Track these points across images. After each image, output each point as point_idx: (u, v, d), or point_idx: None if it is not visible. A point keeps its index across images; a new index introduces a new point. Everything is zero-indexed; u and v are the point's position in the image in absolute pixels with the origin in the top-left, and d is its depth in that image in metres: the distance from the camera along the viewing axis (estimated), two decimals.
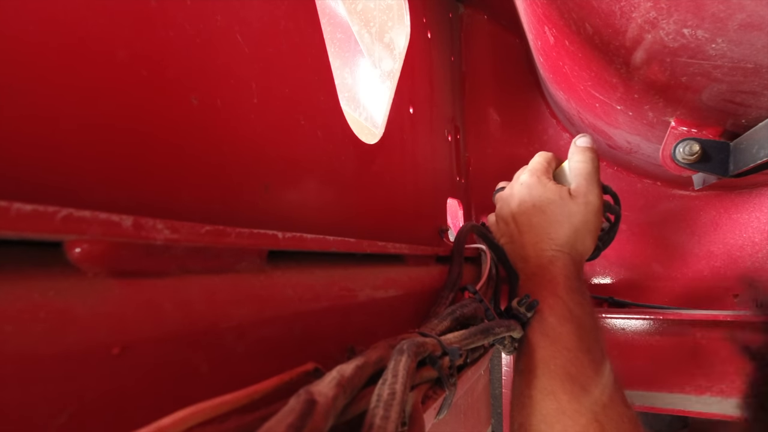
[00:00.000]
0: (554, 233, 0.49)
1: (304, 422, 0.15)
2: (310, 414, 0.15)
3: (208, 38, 0.25)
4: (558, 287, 0.45)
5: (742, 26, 0.31)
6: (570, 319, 0.43)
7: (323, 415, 0.16)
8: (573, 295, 0.45)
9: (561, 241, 0.49)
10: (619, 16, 0.38)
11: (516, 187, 0.54)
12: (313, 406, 0.16)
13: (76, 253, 0.16)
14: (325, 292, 0.28)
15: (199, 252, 0.20)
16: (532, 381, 0.40)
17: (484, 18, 0.88)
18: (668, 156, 0.49)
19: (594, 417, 0.37)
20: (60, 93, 0.18)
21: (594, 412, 0.37)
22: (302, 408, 0.16)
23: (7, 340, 0.13)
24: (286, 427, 0.15)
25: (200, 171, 0.24)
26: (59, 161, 0.18)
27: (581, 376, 0.39)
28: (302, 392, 0.16)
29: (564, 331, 0.42)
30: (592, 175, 0.51)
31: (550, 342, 0.42)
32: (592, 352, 0.41)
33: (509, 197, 0.55)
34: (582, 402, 0.38)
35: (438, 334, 0.32)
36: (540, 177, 0.53)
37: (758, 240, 0.74)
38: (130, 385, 0.16)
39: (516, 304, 0.43)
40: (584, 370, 0.40)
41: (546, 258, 0.48)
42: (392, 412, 0.18)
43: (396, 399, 0.19)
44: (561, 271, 0.47)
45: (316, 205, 0.35)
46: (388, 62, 0.75)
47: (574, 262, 0.48)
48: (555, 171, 0.55)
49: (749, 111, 0.41)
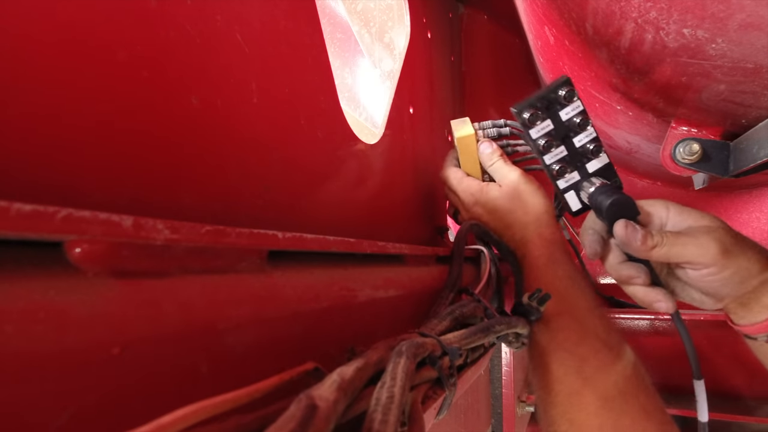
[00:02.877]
0: None
1: (305, 429, 0.15)
2: (311, 420, 0.15)
3: (208, 38, 0.25)
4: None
5: (742, 26, 0.31)
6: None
7: (324, 420, 0.16)
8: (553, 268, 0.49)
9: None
10: (619, 16, 0.38)
11: (477, 206, 0.58)
12: (314, 412, 0.16)
13: (76, 253, 0.16)
14: (325, 292, 0.28)
15: (199, 252, 0.20)
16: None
17: (484, 18, 0.88)
18: (668, 156, 0.49)
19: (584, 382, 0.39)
20: (60, 93, 0.18)
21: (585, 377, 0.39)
22: (303, 414, 0.15)
23: (7, 340, 0.13)
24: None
25: (200, 171, 0.24)
26: (60, 161, 0.18)
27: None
28: (303, 397, 0.16)
29: None
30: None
31: None
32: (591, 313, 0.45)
33: (476, 213, 0.58)
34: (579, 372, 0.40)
35: (438, 333, 0.32)
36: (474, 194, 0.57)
37: (758, 240, 0.74)
38: (130, 385, 0.16)
39: (527, 299, 0.43)
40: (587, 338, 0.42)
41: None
42: (390, 415, 0.18)
43: (394, 402, 0.19)
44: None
45: (315, 205, 0.35)
46: (388, 62, 0.75)
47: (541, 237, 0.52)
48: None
49: (749, 111, 0.41)
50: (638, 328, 0.86)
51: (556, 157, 0.51)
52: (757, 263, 0.43)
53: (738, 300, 0.45)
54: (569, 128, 0.50)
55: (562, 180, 0.52)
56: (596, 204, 0.47)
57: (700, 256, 0.42)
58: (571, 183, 0.52)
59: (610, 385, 0.38)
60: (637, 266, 0.47)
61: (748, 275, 0.43)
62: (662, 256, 0.43)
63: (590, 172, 0.51)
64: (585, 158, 0.51)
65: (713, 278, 0.43)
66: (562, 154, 0.51)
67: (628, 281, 0.47)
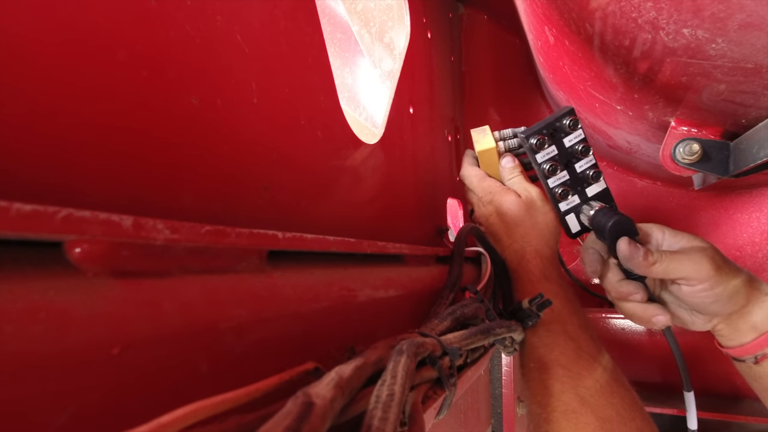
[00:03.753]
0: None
1: (300, 425, 0.15)
2: (307, 416, 0.15)
3: (208, 38, 0.25)
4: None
5: (742, 26, 0.31)
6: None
7: (321, 417, 0.16)
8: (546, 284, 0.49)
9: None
10: (619, 16, 0.38)
11: (488, 206, 0.59)
12: (310, 409, 0.16)
13: (76, 253, 0.16)
14: (325, 292, 0.28)
15: (199, 252, 0.20)
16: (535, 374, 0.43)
17: (484, 18, 0.88)
18: (668, 156, 0.49)
19: (581, 398, 0.38)
20: (60, 93, 0.18)
21: (579, 392, 0.39)
22: (299, 410, 0.15)
23: (7, 340, 0.13)
24: (282, 430, 0.14)
25: (200, 171, 0.24)
26: (60, 161, 0.18)
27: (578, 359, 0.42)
28: (300, 394, 0.16)
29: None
30: None
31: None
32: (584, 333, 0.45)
33: (484, 214, 0.59)
34: (568, 384, 0.40)
35: (438, 334, 0.32)
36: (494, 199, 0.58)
37: (758, 240, 0.74)
38: (130, 385, 0.16)
39: (528, 304, 0.44)
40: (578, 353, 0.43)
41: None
42: (390, 413, 0.18)
43: (394, 400, 0.19)
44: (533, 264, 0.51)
45: (316, 205, 0.35)
46: (388, 62, 0.75)
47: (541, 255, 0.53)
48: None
49: (749, 111, 0.41)
50: (638, 328, 0.86)
51: (559, 181, 0.55)
52: (744, 283, 0.46)
53: (726, 320, 0.49)
54: (572, 154, 0.54)
55: (564, 203, 0.55)
56: (598, 224, 0.50)
57: (695, 271, 0.45)
58: (571, 206, 0.55)
59: (609, 406, 0.39)
60: (635, 284, 0.50)
61: (735, 292, 0.46)
62: (661, 272, 0.46)
63: (589, 196, 0.55)
64: (585, 183, 0.55)
65: (706, 294, 0.46)
66: (565, 178, 0.55)
67: (626, 297, 0.50)
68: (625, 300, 0.51)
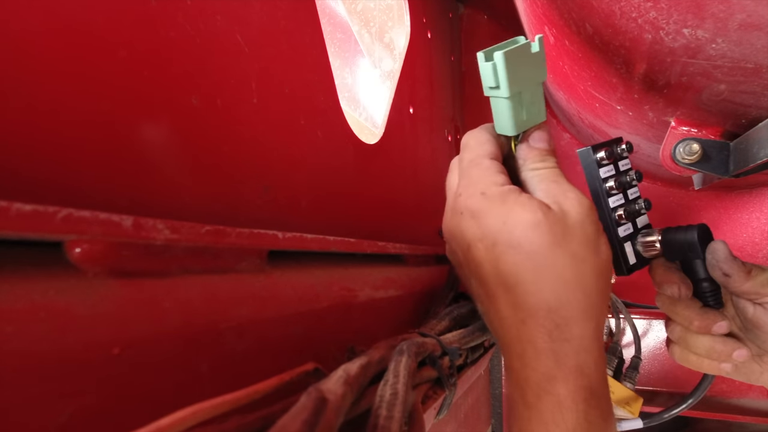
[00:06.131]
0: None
1: (317, 418, 0.15)
2: (322, 411, 0.16)
3: (208, 38, 0.25)
4: None
5: (742, 26, 0.31)
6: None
7: (335, 412, 0.16)
8: None
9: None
10: (619, 16, 0.38)
11: (457, 219, 0.30)
12: (324, 404, 0.16)
13: (76, 253, 0.16)
14: (325, 292, 0.28)
15: (199, 252, 0.20)
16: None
17: (484, 18, 0.88)
18: (668, 156, 0.49)
19: None
20: (61, 93, 0.18)
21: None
22: (314, 405, 0.16)
23: (7, 340, 0.13)
24: (301, 424, 0.15)
25: (200, 171, 0.24)
26: (60, 161, 0.18)
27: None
28: (312, 390, 0.17)
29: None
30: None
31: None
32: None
33: (451, 234, 0.31)
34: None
35: (437, 333, 0.32)
36: (490, 192, 0.28)
37: (758, 240, 0.74)
38: (130, 385, 0.16)
39: None
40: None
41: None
42: (395, 411, 0.19)
43: (399, 399, 0.19)
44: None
45: (316, 205, 0.35)
46: (388, 62, 0.75)
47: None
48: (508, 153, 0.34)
49: (749, 111, 0.41)
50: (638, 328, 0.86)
51: (617, 203, 0.48)
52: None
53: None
54: (627, 179, 0.48)
55: (621, 228, 0.47)
56: (674, 240, 0.43)
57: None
58: (628, 233, 0.47)
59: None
60: (719, 311, 0.39)
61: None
62: (757, 284, 0.36)
63: (639, 227, 0.47)
64: (637, 213, 0.48)
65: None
66: (621, 202, 0.49)
67: (709, 328, 0.38)
68: (705, 333, 0.38)
